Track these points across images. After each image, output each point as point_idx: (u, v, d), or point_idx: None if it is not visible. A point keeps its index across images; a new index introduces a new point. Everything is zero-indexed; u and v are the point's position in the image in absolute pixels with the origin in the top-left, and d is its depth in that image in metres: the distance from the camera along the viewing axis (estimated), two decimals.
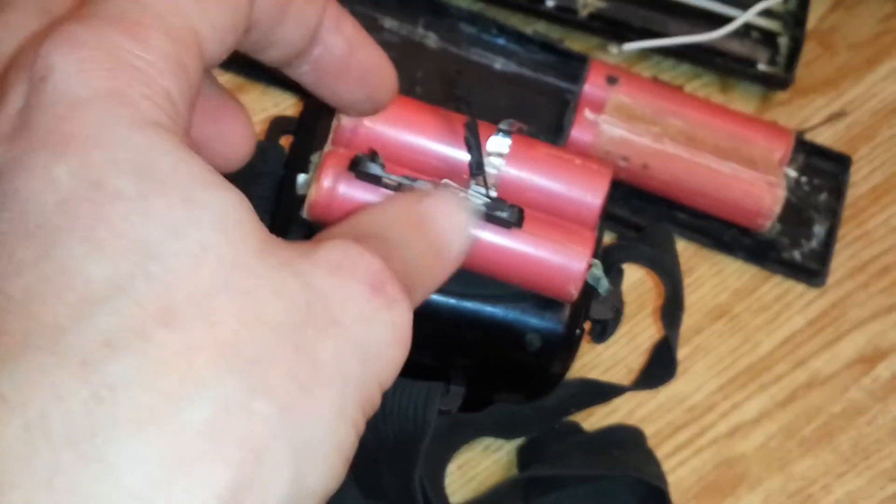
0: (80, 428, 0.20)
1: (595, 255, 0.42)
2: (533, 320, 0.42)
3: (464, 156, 0.40)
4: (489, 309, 0.42)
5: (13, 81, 0.23)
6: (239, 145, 0.31)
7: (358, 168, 0.39)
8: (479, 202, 0.39)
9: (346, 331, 0.23)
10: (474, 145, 0.38)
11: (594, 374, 0.55)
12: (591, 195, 0.41)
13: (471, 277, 0.40)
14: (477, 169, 0.38)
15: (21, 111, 0.23)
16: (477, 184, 0.39)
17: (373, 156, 0.38)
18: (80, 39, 0.23)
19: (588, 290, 0.43)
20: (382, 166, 0.38)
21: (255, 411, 0.21)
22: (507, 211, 0.38)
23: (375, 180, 0.38)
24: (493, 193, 0.39)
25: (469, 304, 0.42)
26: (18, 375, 0.20)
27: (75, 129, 0.22)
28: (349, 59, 0.31)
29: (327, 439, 0.22)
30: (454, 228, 0.30)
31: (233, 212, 0.23)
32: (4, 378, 0.20)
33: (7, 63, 0.25)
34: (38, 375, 0.20)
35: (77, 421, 0.20)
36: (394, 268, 0.25)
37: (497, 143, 0.40)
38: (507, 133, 0.40)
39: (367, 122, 0.40)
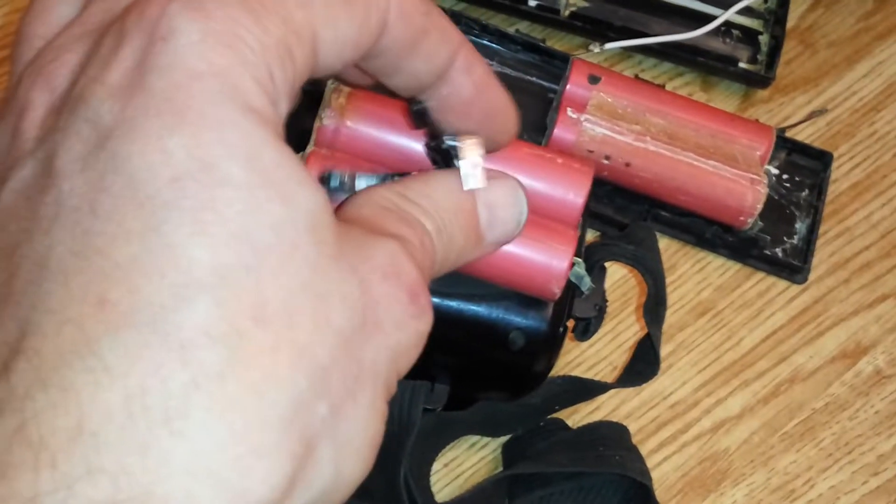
0: (175, 407, 0.21)
1: (577, 254, 0.42)
2: (516, 319, 0.43)
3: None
4: (473, 308, 0.42)
5: (131, 30, 0.23)
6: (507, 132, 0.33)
7: (326, 186, 0.38)
8: None
9: (386, 335, 0.25)
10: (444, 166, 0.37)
11: (578, 372, 0.55)
12: (572, 194, 0.41)
13: (454, 277, 0.40)
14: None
15: (138, 66, 0.23)
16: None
17: (343, 179, 0.38)
18: (208, 9, 0.23)
19: (571, 289, 0.44)
20: (349, 185, 0.37)
21: (317, 412, 0.23)
22: None
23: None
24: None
25: (453, 304, 0.42)
26: (123, 349, 0.21)
27: (189, 103, 0.22)
28: (475, 101, 0.31)
29: (362, 434, 0.24)
30: (501, 219, 0.32)
31: (320, 213, 0.23)
32: (109, 349, 0.21)
33: (127, 4, 0.24)
34: (141, 352, 0.21)
35: (174, 400, 0.21)
36: (426, 260, 0.27)
37: (469, 151, 0.39)
38: (474, 142, 0.40)
39: (349, 123, 0.40)
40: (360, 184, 0.39)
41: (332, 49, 0.25)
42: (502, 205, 0.32)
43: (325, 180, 0.38)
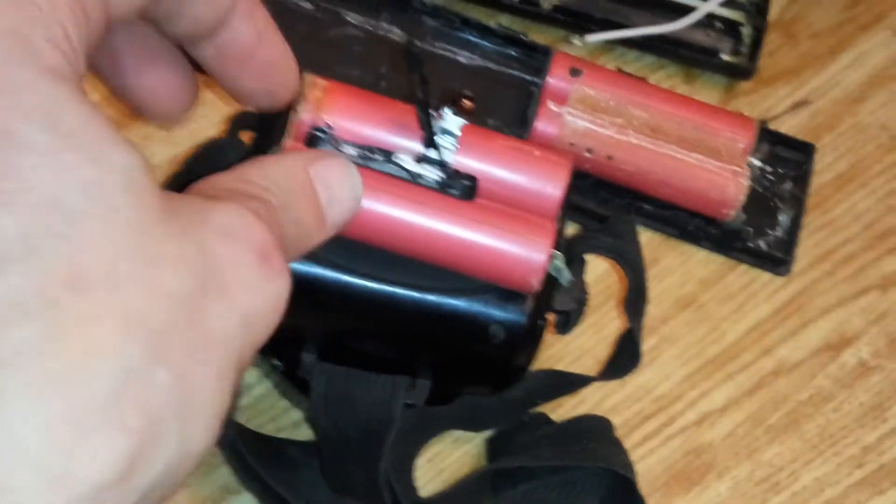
0: None
1: (557, 247, 0.42)
2: (496, 312, 0.42)
3: (396, 139, 0.40)
4: (452, 302, 0.42)
5: None
6: (180, 93, 0.31)
7: (313, 146, 0.39)
8: (432, 178, 0.40)
9: (233, 299, 0.24)
10: (425, 122, 0.38)
11: (562, 366, 0.55)
12: (551, 186, 0.41)
13: (433, 271, 0.40)
14: (429, 144, 0.39)
15: None
16: (430, 160, 0.39)
17: (328, 131, 0.39)
18: None
19: (550, 282, 0.43)
20: (337, 141, 0.39)
21: (156, 381, 0.21)
22: (459, 189, 0.39)
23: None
24: (449, 163, 0.39)
25: (432, 298, 0.42)
26: None
27: None
28: (255, 49, 0.31)
29: (209, 405, 0.23)
30: (339, 199, 0.31)
31: (139, 173, 0.22)
32: None
33: None
34: None
35: None
36: (274, 231, 0.26)
37: (450, 122, 0.40)
38: (457, 112, 0.40)
39: (327, 117, 0.40)
40: (346, 148, 0.39)
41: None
42: (338, 183, 0.31)
43: (314, 133, 0.39)
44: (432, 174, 0.40)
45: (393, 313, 0.42)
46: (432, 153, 0.40)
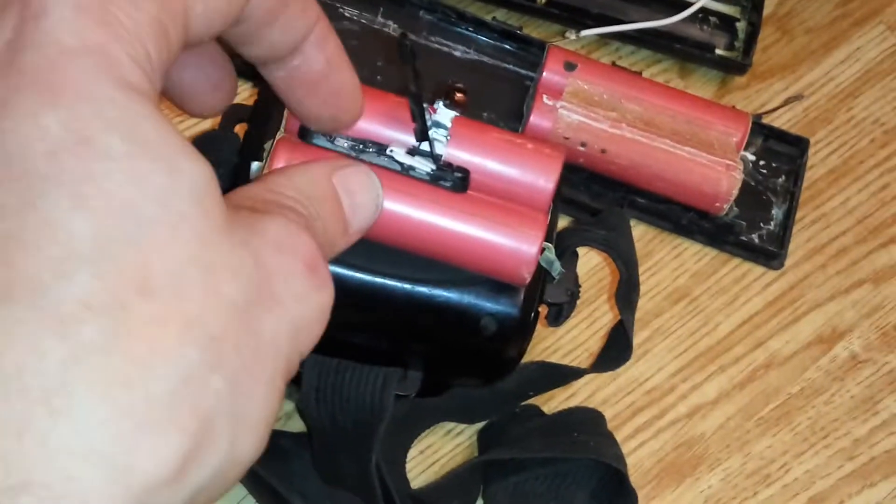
0: (54, 385, 0.20)
1: (548, 239, 0.42)
2: (488, 304, 0.43)
3: (388, 132, 0.40)
4: (444, 294, 0.42)
5: (2, 9, 0.23)
6: (221, 86, 0.32)
7: (307, 138, 0.39)
8: (424, 171, 0.40)
9: (284, 309, 0.24)
10: (418, 114, 0.38)
11: (554, 358, 0.55)
12: (543, 179, 0.41)
13: (425, 263, 0.41)
14: (421, 136, 0.39)
15: (9, 45, 0.22)
16: (422, 152, 0.40)
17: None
18: None
19: (542, 274, 0.44)
20: (330, 134, 0.39)
21: (211, 386, 0.22)
22: (451, 181, 0.39)
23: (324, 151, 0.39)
24: (440, 155, 0.39)
25: (424, 290, 0.42)
26: None
27: (64, 79, 0.22)
28: (325, 77, 0.31)
29: (259, 412, 0.24)
30: (361, 205, 0.32)
31: (207, 184, 0.23)
32: None
33: None
34: (17, 328, 0.20)
35: (52, 378, 0.20)
36: (317, 235, 0.27)
37: (442, 115, 0.40)
38: (450, 105, 0.40)
39: None
40: (339, 141, 0.39)
41: (203, 21, 0.25)
42: (360, 190, 0.32)
43: (306, 130, 0.39)
44: (424, 166, 0.40)
45: (384, 305, 0.42)
46: (425, 146, 0.40)
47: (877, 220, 0.60)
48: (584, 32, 0.61)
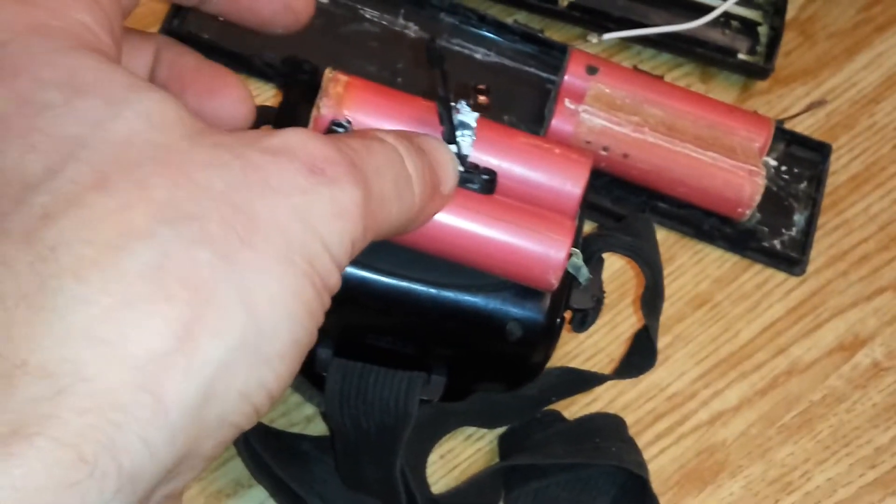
0: (28, 284, 0.21)
1: (575, 244, 0.42)
2: (514, 310, 0.42)
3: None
4: (470, 299, 0.42)
5: None
6: (238, 108, 0.33)
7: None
8: None
9: (283, 196, 0.25)
10: (446, 117, 0.38)
11: (576, 363, 0.55)
12: (570, 184, 0.41)
13: (451, 267, 0.40)
14: (449, 139, 0.39)
15: None
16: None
17: (346, 126, 0.39)
18: None
19: (568, 280, 0.43)
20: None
21: (196, 258, 0.23)
22: (478, 183, 0.39)
23: None
24: (466, 155, 0.39)
25: (450, 294, 0.42)
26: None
27: (11, 61, 0.24)
28: None
29: (278, 284, 0.24)
30: (447, 164, 0.34)
31: (158, 107, 0.25)
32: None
33: None
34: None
35: (24, 279, 0.21)
36: (384, 185, 0.28)
37: (466, 115, 0.40)
38: (473, 105, 0.40)
39: (347, 112, 0.40)
40: None
41: None
42: (440, 152, 0.34)
43: (333, 129, 0.39)
44: None
45: (410, 309, 0.42)
46: (452, 148, 0.40)
47: None
48: (607, 36, 0.60)
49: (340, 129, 0.40)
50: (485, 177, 0.40)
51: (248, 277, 0.23)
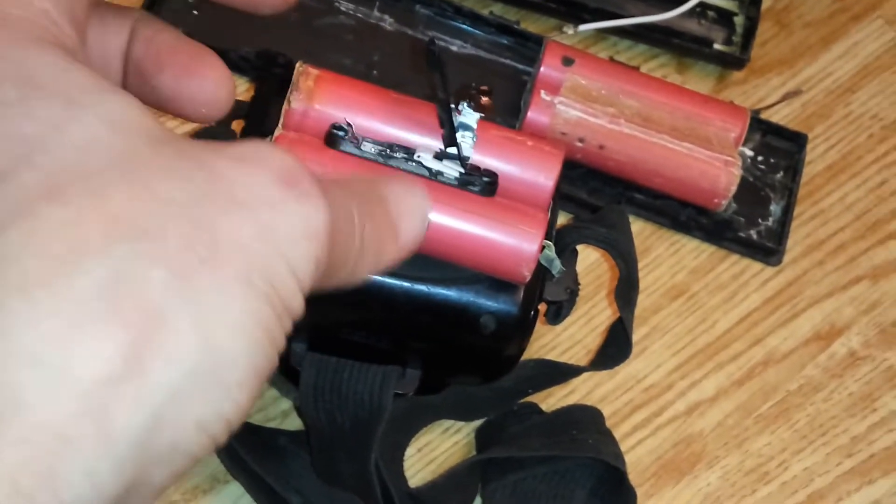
0: None
1: (548, 237, 0.42)
2: (487, 303, 0.42)
3: (414, 136, 0.40)
4: (443, 292, 0.42)
5: None
6: (218, 90, 0.31)
7: (334, 146, 0.39)
8: (452, 175, 0.39)
9: (249, 211, 0.23)
10: (447, 120, 0.38)
11: (552, 356, 0.55)
12: (543, 177, 0.41)
13: (424, 261, 0.40)
14: (449, 142, 0.39)
15: None
16: (449, 156, 0.39)
17: (347, 129, 0.39)
18: None
19: (542, 272, 0.43)
20: (357, 139, 0.39)
21: (150, 277, 0.21)
22: (479, 185, 0.39)
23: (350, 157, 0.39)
24: (467, 157, 0.39)
25: (423, 288, 0.42)
26: None
27: None
28: None
29: (235, 306, 0.22)
30: (414, 214, 0.30)
31: (120, 110, 0.23)
32: None
33: None
34: None
35: None
36: (350, 232, 0.26)
37: (468, 117, 0.40)
38: (475, 107, 0.40)
39: (318, 106, 0.40)
40: (367, 146, 0.39)
41: None
42: (407, 197, 0.30)
43: (334, 132, 0.38)
44: (452, 171, 0.40)
45: (383, 303, 0.42)
46: (452, 150, 0.40)
47: (875, 216, 0.60)
48: (582, 27, 0.60)
49: (341, 133, 0.39)
50: (486, 179, 0.40)
51: (206, 300, 0.22)
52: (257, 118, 0.44)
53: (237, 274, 0.22)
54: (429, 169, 0.39)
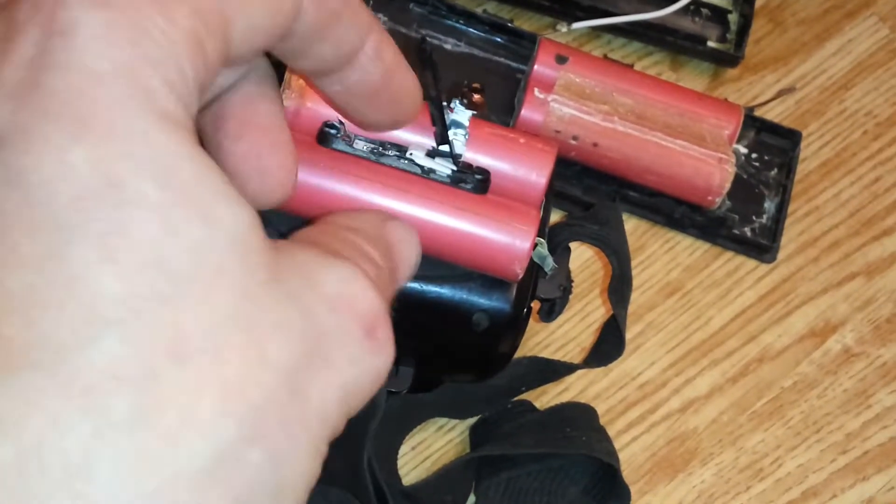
0: (76, 466, 0.18)
1: (541, 234, 0.42)
2: (480, 300, 0.42)
3: (406, 134, 0.40)
4: (436, 289, 0.42)
5: (24, 22, 0.21)
6: (276, 188, 0.28)
7: (326, 144, 0.39)
8: (444, 173, 0.39)
9: (336, 372, 0.22)
10: (439, 119, 0.38)
11: (546, 353, 0.55)
12: (535, 174, 0.41)
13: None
14: (441, 140, 0.39)
15: (32, 63, 0.20)
16: (441, 153, 0.39)
17: (339, 127, 0.39)
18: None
19: (534, 269, 0.43)
20: (350, 138, 0.39)
21: (248, 461, 0.20)
22: (471, 182, 0.39)
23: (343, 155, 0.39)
24: (459, 154, 0.39)
25: (415, 286, 0.42)
26: (15, 395, 0.18)
27: (94, 109, 0.20)
28: (385, 86, 0.29)
29: (300, 480, 0.22)
30: (411, 249, 0.30)
31: (248, 233, 0.21)
32: (1, 395, 0.18)
33: None
34: (36, 398, 0.18)
35: (74, 457, 0.18)
36: (384, 287, 0.25)
37: (460, 115, 0.40)
38: (467, 105, 0.40)
39: (310, 104, 0.40)
40: (359, 144, 0.39)
41: (245, 38, 0.23)
42: (406, 243, 0.29)
43: (326, 130, 0.38)
44: (444, 168, 0.40)
45: None
46: (444, 148, 0.40)
47: (869, 212, 0.60)
48: (576, 25, 0.60)
49: (333, 131, 0.39)
50: (478, 176, 0.40)
51: (281, 477, 0.21)
52: None
53: (310, 446, 0.22)
54: (421, 167, 0.39)
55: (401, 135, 0.40)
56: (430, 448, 0.53)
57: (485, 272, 0.41)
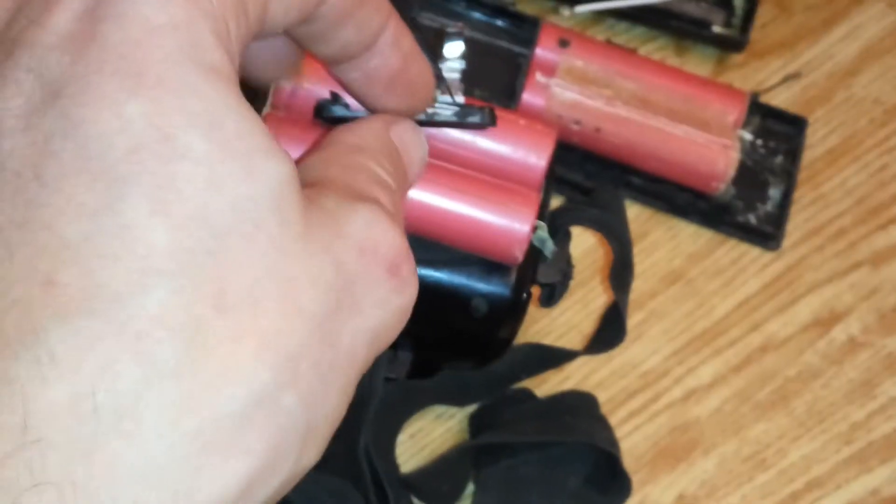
0: (125, 407, 0.19)
1: (541, 218, 0.41)
2: (479, 285, 0.42)
3: None
4: (434, 274, 0.42)
5: None
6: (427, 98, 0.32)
7: (323, 114, 0.38)
8: (448, 112, 0.38)
9: (364, 316, 0.24)
10: (430, 56, 0.37)
11: (547, 340, 0.54)
12: (535, 156, 0.40)
13: (414, 241, 0.39)
14: (438, 79, 0.38)
15: (87, 13, 0.21)
16: (442, 93, 0.38)
17: (335, 98, 0.38)
18: None
19: (534, 254, 0.43)
20: (347, 106, 0.38)
21: (283, 405, 0.21)
22: (478, 114, 0.38)
23: (343, 121, 0.38)
24: (461, 100, 0.38)
25: None
26: (72, 338, 0.19)
27: (149, 62, 0.21)
28: (402, 72, 0.30)
29: (328, 422, 0.23)
30: (414, 157, 0.31)
31: (286, 187, 0.22)
32: (58, 339, 0.19)
33: None
34: (92, 344, 0.19)
35: (124, 400, 0.19)
36: (400, 214, 0.27)
37: (450, 49, 0.39)
38: (457, 35, 0.39)
39: (307, 85, 0.39)
40: (356, 106, 0.38)
41: (280, 8, 0.24)
42: (412, 143, 0.31)
43: (328, 104, 0.38)
44: (446, 110, 0.39)
45: None
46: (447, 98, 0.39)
47: (876, 200, 0.59)
48: (579, 9, 0.59)
49: (332, 103, 0.38)
50: (482, 109, 0.38)
51: (311, 419, 0.22)
52: (247, 97, 0.43)
53: (341, 387, 0.23)
54: (424, 112, 0.38)
55: None
56: (428, 436, 0.52)
57: (484, 256, 0.41)
